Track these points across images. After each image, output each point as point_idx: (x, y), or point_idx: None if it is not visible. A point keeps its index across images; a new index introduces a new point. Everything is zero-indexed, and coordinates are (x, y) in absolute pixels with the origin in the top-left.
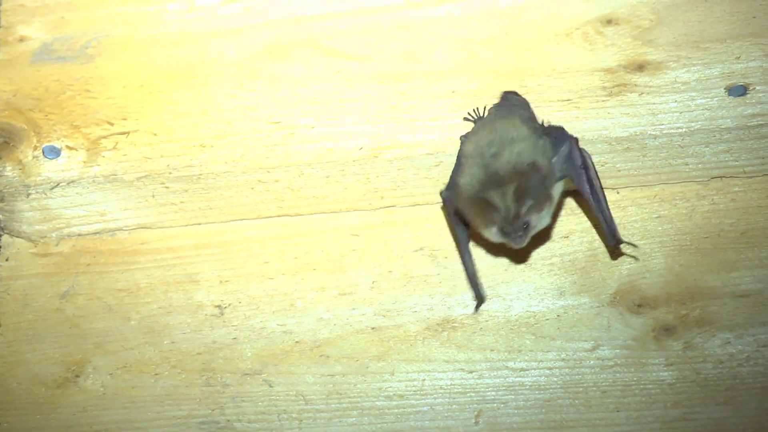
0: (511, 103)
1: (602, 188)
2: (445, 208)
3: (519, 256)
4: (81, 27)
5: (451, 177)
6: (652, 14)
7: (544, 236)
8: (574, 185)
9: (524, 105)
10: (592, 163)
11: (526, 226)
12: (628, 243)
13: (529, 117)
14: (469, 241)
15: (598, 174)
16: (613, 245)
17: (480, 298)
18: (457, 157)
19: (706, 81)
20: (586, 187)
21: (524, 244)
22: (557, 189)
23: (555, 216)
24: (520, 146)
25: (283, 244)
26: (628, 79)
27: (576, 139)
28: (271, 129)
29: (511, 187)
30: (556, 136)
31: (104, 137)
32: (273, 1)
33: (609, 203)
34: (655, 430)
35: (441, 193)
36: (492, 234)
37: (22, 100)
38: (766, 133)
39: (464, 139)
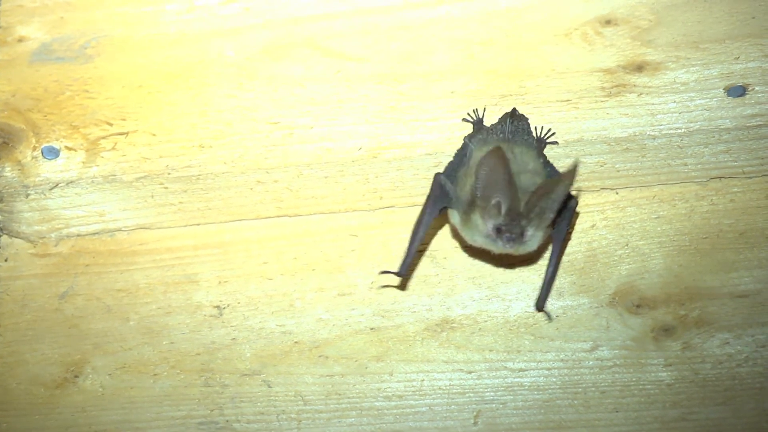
0: (523, 129)
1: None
2: (434, 185)
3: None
4: (80, 27)
5: (451, 167)
6: (651, 15)
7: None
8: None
9: (530, 134)
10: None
11: (522, 233)
12: (547, 314)
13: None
14: (430, 222)
15: None
16: (538, 308)
17: (399, 272)
18: (462, 155)
19: (705, 81)
20: (557, 248)
21: (511, 250)
22: (546, 233)
23: (540, 250)
24: (537, 180)
25: (282, 245)
26: (627, 80)
27: (576, 200)
28: (269, 129)
29: (526, 197)
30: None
31: (103, 138)
32: (272, 1)
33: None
34: (654, 430)
35: (437, 175)
36: (484, 229)
37: (21, 101)
38: (765, 133)
39: (468, 141)
